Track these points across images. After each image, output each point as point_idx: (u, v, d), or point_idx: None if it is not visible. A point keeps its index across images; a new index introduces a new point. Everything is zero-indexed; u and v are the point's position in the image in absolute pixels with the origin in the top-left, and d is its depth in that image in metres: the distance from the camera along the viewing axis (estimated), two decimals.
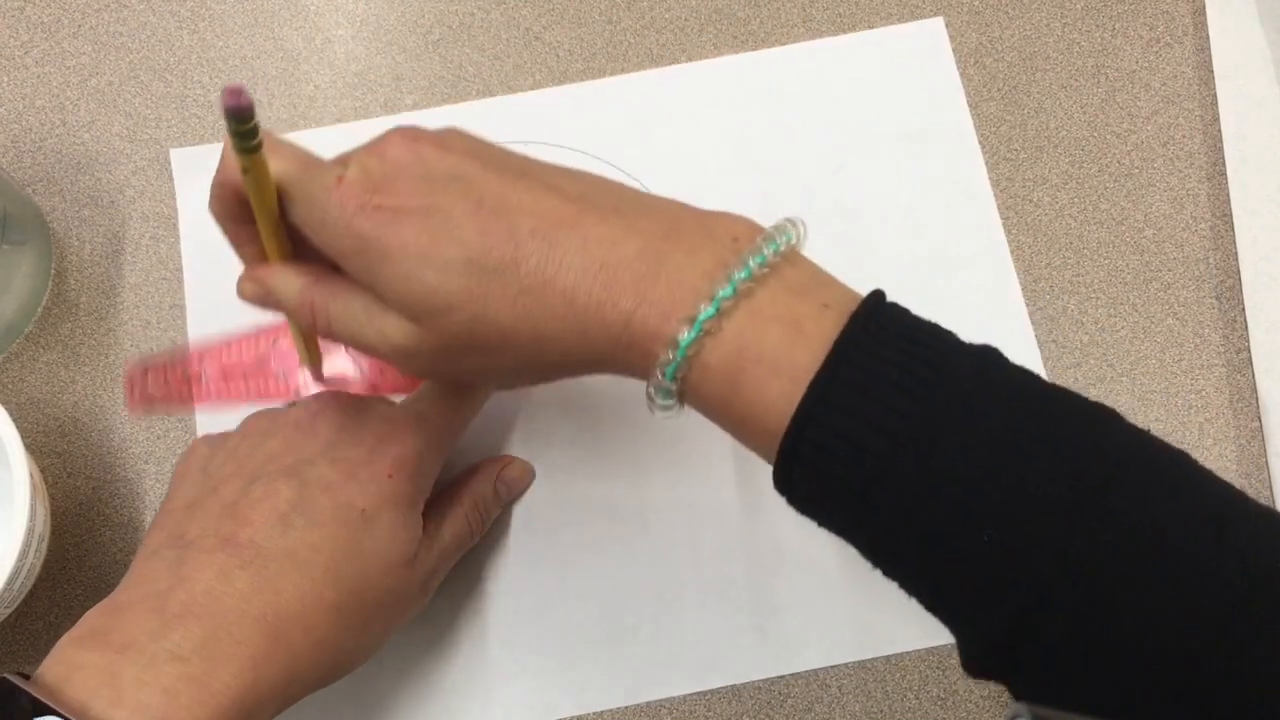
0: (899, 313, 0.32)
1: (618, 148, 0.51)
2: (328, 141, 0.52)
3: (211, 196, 0.36)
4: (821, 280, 0.33)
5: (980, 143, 0.51)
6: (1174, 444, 0.47)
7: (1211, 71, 0.52)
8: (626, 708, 0.44)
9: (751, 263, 0.32)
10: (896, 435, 0.29)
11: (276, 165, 0.34)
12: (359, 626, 0.38)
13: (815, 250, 0.50)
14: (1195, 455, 0.47)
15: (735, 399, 0.31)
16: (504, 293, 0.32)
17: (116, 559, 0.46)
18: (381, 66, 0.53)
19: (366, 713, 0.44)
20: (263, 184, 0.34)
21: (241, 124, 0.31)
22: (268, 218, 0.35)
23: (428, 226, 0.33)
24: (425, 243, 0.33)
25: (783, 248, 0.33)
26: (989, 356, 0.31)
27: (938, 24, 0.53)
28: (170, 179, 0.51)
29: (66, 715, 0.31)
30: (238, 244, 0.37)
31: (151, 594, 0.35)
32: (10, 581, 0.41)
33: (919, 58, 0.53)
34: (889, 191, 0.51)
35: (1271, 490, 0.46)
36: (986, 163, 0.51)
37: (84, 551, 0.46)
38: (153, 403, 0.47)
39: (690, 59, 0.53)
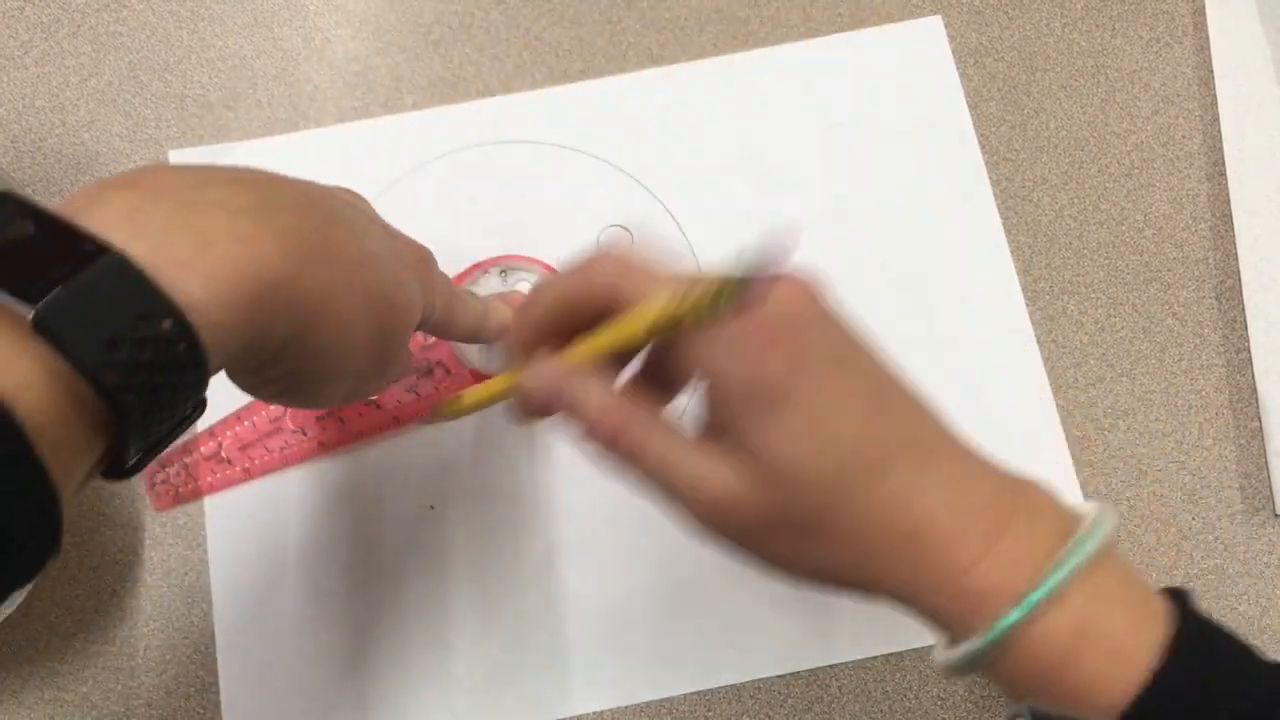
0: (1209, 620, 0.32)
1: (618, 148, 0.51)
2: (328, 141, 0.52)
3: (540, 313, 0.34)
4: (1134, 574, 0.33)
5: (980, 143, 0.51)
6: (1173, 445, 0.47)
7: (1211, 71, 0.52)
8: (626, 708, 0.44)
9: (1096, 538, 0.31)
10: None
11: (667, 290, 0.32)
12: (387, 293, 0.34)
13: (815, 250, 0.50)
14: (1195, 455, 0.47)
15: (1070, 672, 0.30)
16: (863, 495, 0.31)
17: (116, 559, 0.46)
18: (381, 66, 0.53)
19: (367, 712, 0.44)
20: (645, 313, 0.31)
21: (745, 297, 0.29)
22: (622, 337, 0.32)
23: (832, 393, 0.31)
24: (819, 408, 0.31)
25: (1109, 534, 0.32)
26: None
27: (936, 23, 0.53)
28: None
29: (75, 226, 0.26)
30: (526, 347, 0.34)
31: (190, 165, 0.31)
32: None
33: (918, 57, 0.53)
34: (888, 191, 0.51)
35: (1271, 490, 0.46)
36: (986, 163, 0.51)
37: (84, 551, 0.46)
38: (179, 495, 0.47)
39: (690, 59, 0.53)
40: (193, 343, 0.27)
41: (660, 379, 0.35)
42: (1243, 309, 0.49)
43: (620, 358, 0.34)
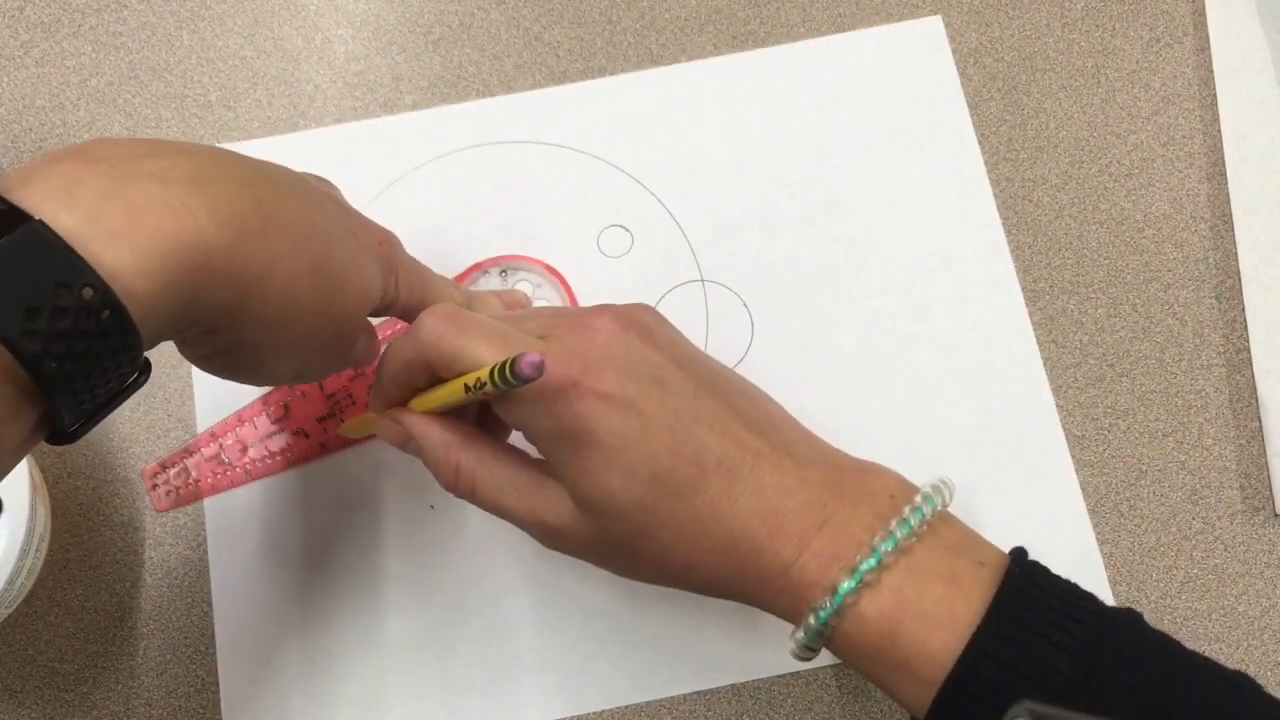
0: (1043, 570, 0.34)
1: (618, 148, 0.51)
2: (328, 141, 0.52)
3: (392, 370, 0.37)
4: (973, 539, 0.35)
5: (980, 143, 0.51)
6: (1173, 445, 0.47)
7: (1211, 71, 0.52)
8: (626, 707, 0.44)
9: (912, 520, 0.33)
10: (1057, 692, 0.30)
11: (483, 350, 0.34)
12: (331, 280, 0.35)
13: (815, 250, 0.50)
14: (1195, 455, 0.47)
15: (891, 648, 0.32)
16: (674, 516, 0.34)
17: (116, 559, 0.46)
18: (381, 66, 0.53)
19: (367, 713, 0.44)
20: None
21: (518, 384, 0.32)
22: (452, 395, 0.35)
23: (624, 428, 0.33)
24: (618, 445, 0.33)
25: (939, 507, 0.34)
26: (1136, 619, 0.33)
27: (936, 23, 0.53)
28: None
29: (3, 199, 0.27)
30: (385, 398, 0.38)
31: (138, 138, 0.32)
32: (10, 581, 0.41)
33: (918, 57, 0.53)
34: (888, 191, 0.51)
35: (1271, 490, 0.46)
36: (986, 163, 0.51)
37: (84, 551, 0.46)
38: (180, 497, 0.47)
39: (690, 59, 0.53)
40: (117, 311, 0.27)
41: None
42: (1243, 309, 0.49)
43: (465, 406, 0.37)
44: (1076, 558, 0.46)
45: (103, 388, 0.29)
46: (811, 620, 0.33)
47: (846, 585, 0.32)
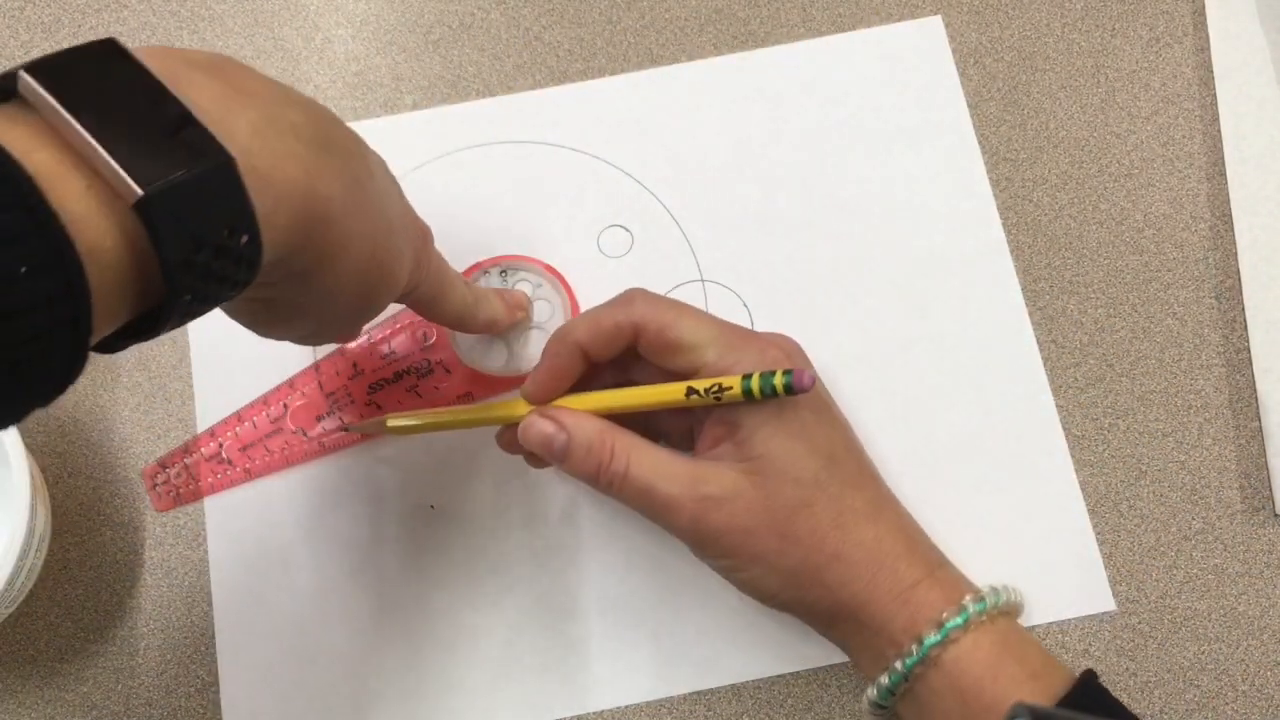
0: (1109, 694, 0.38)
1: (618, 148, 0.51)
2: None
3: (602, 326, 0.40)
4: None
5: (980, 143, 0.51)
6: (1173, 445, 0.47)
7: (1211, 71, 0.52)
8: (626, 707, 0.44)
9: (1003, 595, 0.38)
10: None
11: (704, 334, 0.39)
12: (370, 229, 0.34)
13: (815, 251, 0.50)
14: (1195, 455, 0.47)
15: (991, 684, 0.36)
16: (837, 500, 0.38)
17: (116, 559, 0.46)
18: (381, 66, 0.53)
19: (367, 712, 0.44)
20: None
21: (786, 394, 0.37)
22: (666, 402, 0.39)
23: (817, 413, 0.39)
24: (811, 422, 0.39)
25: (1017, 600, 0.39)
26: None
27: (936, 23, 0.53)
28: None
29: (195, 116, 0.26)
30: (557, 376, 0.40)
31: (276, 82, 0.31)
32: (10, 581, 0.41)
33: (918, 56, 0.53)
34: (888, 191, 0.51)
35: (1271, 490, 0.46)
36: (986, 163, 0.51)
37: (84, 551, 0.46)
38: (180, 496, 0.47)
39: (690, 59, 0.53)
40: (254, 260, 0.27)
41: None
42: (1243, 309, 0.49)
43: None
44: (1076, 558, 0.46)
45: (198, 313, 0.28)
46: (933, 632, 0.36)
47: (954, 621, 0.36)
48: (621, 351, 0.40)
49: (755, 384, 0.36)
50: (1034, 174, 0.51)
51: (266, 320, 0.35)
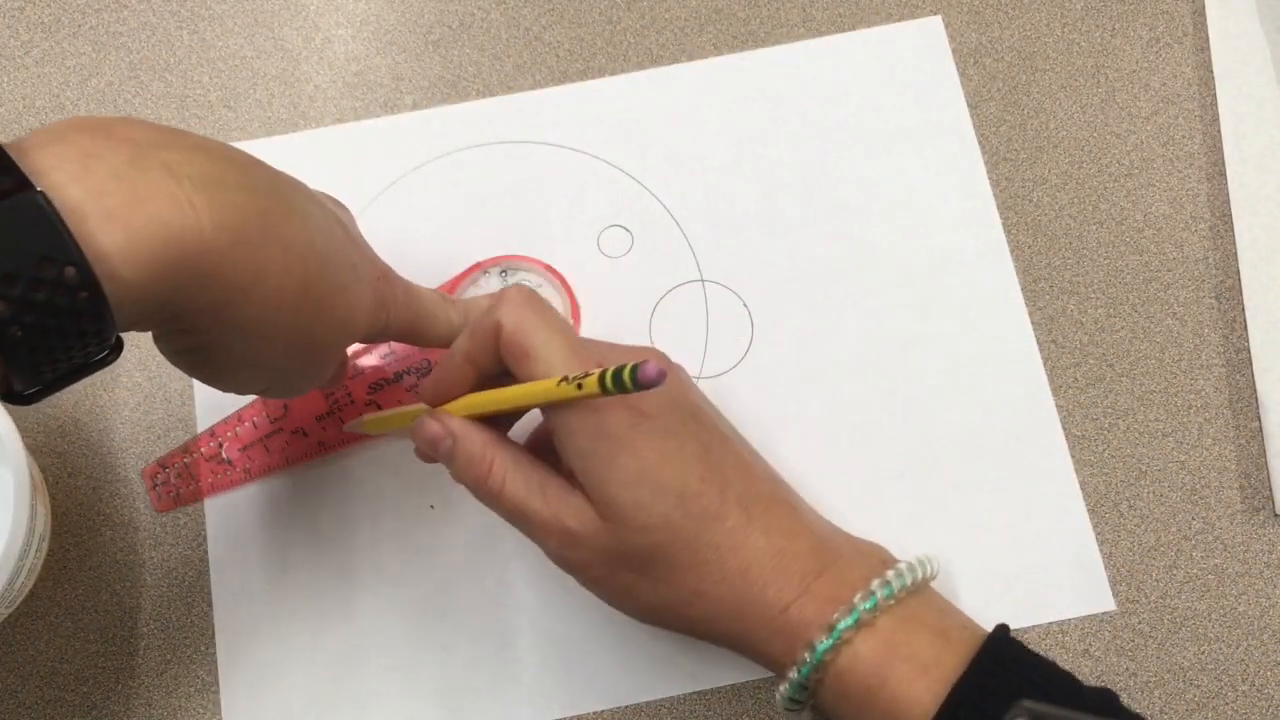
0: (1022, 645, 0.36)
1: (618, 148, 0.51)
2: (328, 141, 0.52)
3: (477, 337, 0.37)
4: (955, 607, 0.38)
5: (980, 143, 0.51)
6: (1173, 445, 0.47)
7: (1211, 71, 0.52)
8: (626, 707, 0.44)
9: (907, 576, 0.36)
10: None
11: (555, 347, 0.36)
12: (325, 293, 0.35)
13: (815, 251, 0.50)
14: (1195, 455, 0.47)
15: (880, 689, 0.35)
16: (695, 539, 0.36)
17: (116, 559, 0.46)
18: (381, 66, 0.53)
19: (367, 712, 0.44)
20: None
21: (633, 389, 0.33)
22: (527, 400, 0.36)
23: (664, 447, 0.36)
24: (653, 460, 0.35)
25: (929, 573, 0.37)
26: (1110, 697, 0.35)
27: (936, 23, 0.53)
28: None
29: (10, 159, 0.27)
30: (447, 384, 0.38)
31: (164, 125, 0.32)
32: (10, 581, 0.41)
33: (918, 56, 0.53)
34: (888, 191, 0.51)
35: (1271, 490, 0.46)
36: (986, 163, 0.51)
37: (84, 551, 0.46)
38: (180, 496, 0.47)
39: (690, 59, 0.53)
40: (95, 293, 0.27)
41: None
42: (1243, 309, 0.49)
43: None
44: (1076, 558, 0.46)
45: (65, 362, 0.29)
46: (807, 656, 0.35)
47: (845, 622, 0.35)
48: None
49: (609, 376, 0.32)
50: (1034, 174, 0.51)
51: (213, 372, 0.35)
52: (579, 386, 0.33)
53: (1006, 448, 0.47)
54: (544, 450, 0.39)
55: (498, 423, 0.39)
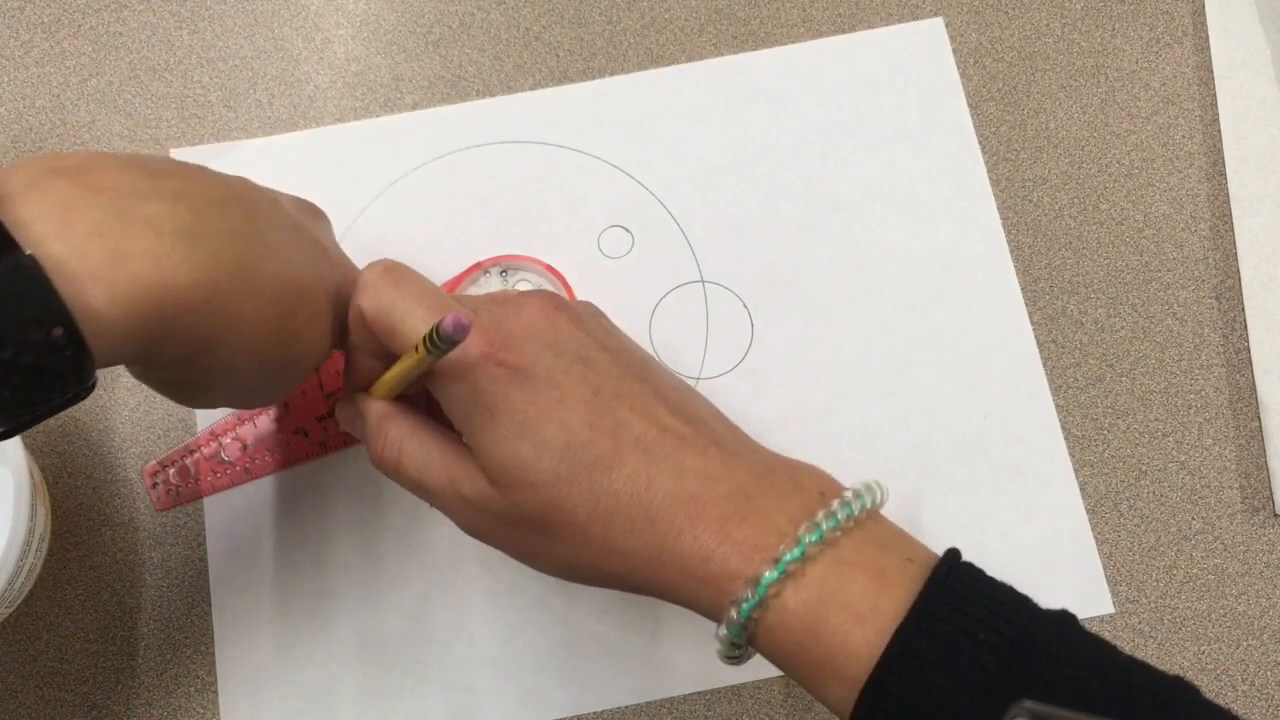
0: (976, 571, 0.33)
1: (618, 148, 0.51)
2: (328, 141, 0.52)
3: (354, 325, 0.36)
4: (903, 538, 0.34)
5: (980, 143, 0.51)
6: (1173, 445, 0.47)
7: (1211, 71, 0.52)
8: (626, 708, 0.44)
9: (839, 514, 0.32)
10: (981, 691, 0.29)
11: (415, 310, 0.34)
12: (295, 325, 0.35)
13: (815, 251, 0.50)
14: (1195, 455, 0.47)
15: (814, 644, 0.31)
16: (589, 489, 0.33)
17: (116, 559, 0.46)
18: (381, 66, 0.53)
19: (366, 712, 0.44)
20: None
21: (450, 347, 0.32)
22: (405, 374, 0.35)
23: (540, 399, 0.33)
24: (532, 414, 0.33)
25: (869, 505, 0.33)
26: (1068, 621, 0.32)
27: (937, 24, 0.53)
28: None
29: None
30: (356, 375, 0.38)
31: (143, 161, 0.32)
32: (10, 581, 0.41)
33: (919, 58, 0.53)
34: (889, 191, 0.51)
35: (1271, 490, 0.46)
36: (986, 163, 0.51)
37: (84, 551, 0.46)
38: (179, 495, 0.47)
39: (690, 59, 0.53)
40: (80, 349, 0.28)
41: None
42: (1243, 309, 0.49)
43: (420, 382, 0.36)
44: (1076, 558, 0.46)
45: (44, 405, 0.29)
46: (734, 614, 0.32)
47: (769, 575, 0.31)
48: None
49: (424, 340, 0.32)
50: (1034, 174, 0.51)
51: (184, 396, 0.36)
52: (416, 351, 0.33)
53: (1006, 448, 0.47)
54: None
55: (417, 401, 0.38)
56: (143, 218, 0.29)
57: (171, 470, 0.47)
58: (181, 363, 0.32)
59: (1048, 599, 0.45)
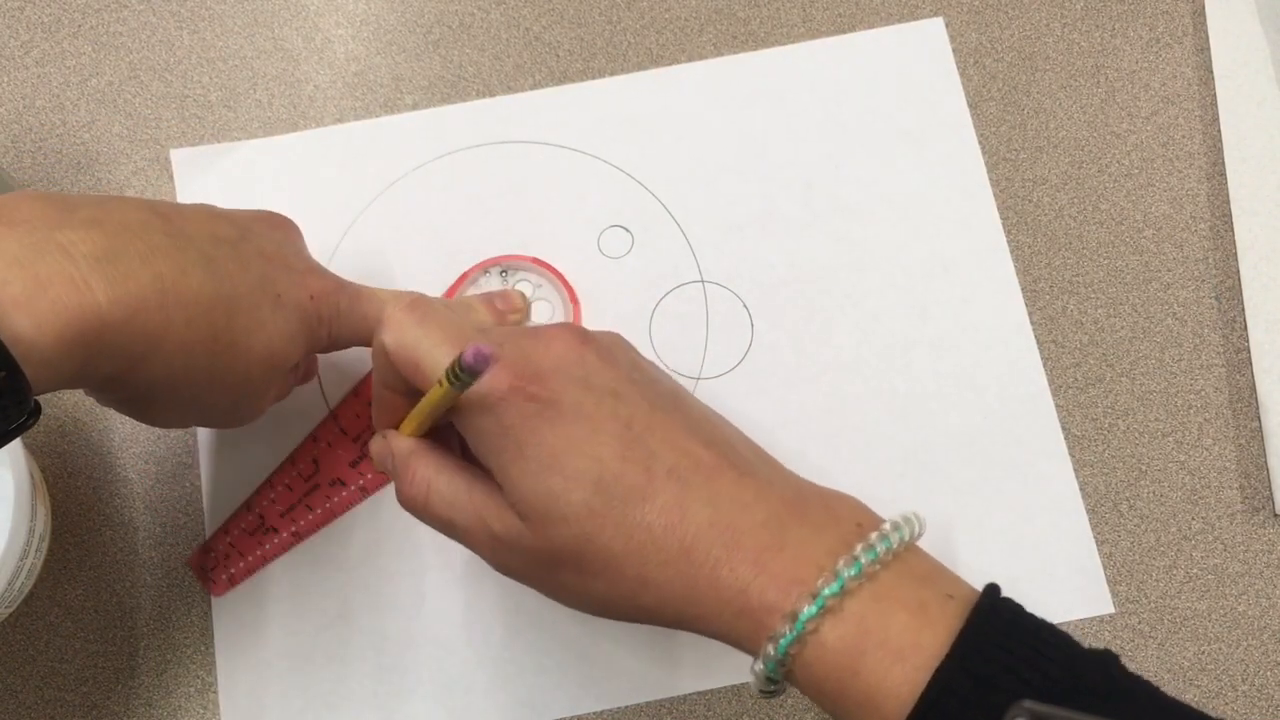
0: (1017, 607, 0.32)
1: (618, 148, 0.51)
2: (328, 141, 0.52)
3: (378, 361, 0.36)
4: (943, 572, 0.33)
5: (980, 143, 0.51)
6: (1173, 445, 0.47)
7: (1211, 71, 0.52)
8: (626, 708, 0.44)
9: (878, 547, 0.32)
10: None
11: (439, 346, 0.34)
12: (229, 354, 0.36)
13: (815, 251, 0.50)
14: (1195, 455, 0.47)
15: (853, 681, 0.31)
16: (622, 522, 0.32)
17: (116, 559, 0.46)
18: (381, 66, 0.53)
19: (366, 712, 0.44)
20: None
21: (471, 379, 0.31)
22: (431, 410, 0.35)
23: (571, 433, 0.33)
24: (563, 447, 0.33)
25: (907, 538, 0.33)
26: (1111, 662, 0.31)
27: (938, 24, 0.53)
28: (170, 179, 0.51)
29: None
30: (381, 411, 0.38)
31: (60, 196, 0.33)
32: (10, 581, 0.41)
33: (919, 58, 0.53)
34: (889, 191, 0.51)
35: (1271, 490, 0.46)
36: (986, 163, 0.51)
37: (84, 551, 0.46)
38: (232, 578, 0.46)
39: (690, 59, 0.53)
40: (13, 374, 0.29)
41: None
42: (1243, 309, 0.49)
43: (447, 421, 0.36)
44: (1076, 558, 0.46)
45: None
46: (771, 649, 0.31)
47: (808, 611, 0.31)
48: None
49: (446, 374, 0.31)
50: (1034, 174, 0.51)
51: (143, 414, 0.37)
52: (440, 385, 0.33)
53: (1006, 448, 0.47)
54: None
55: (448, 438, 0.38)
56: (57, 245, 0.31)
57: (218, 554, 0.46)
58: (119, 381, 0.33)
59: (1048, 599, 0.45)
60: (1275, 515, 0.46)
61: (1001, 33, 0.53)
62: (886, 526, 0.33)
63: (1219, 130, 0.51)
